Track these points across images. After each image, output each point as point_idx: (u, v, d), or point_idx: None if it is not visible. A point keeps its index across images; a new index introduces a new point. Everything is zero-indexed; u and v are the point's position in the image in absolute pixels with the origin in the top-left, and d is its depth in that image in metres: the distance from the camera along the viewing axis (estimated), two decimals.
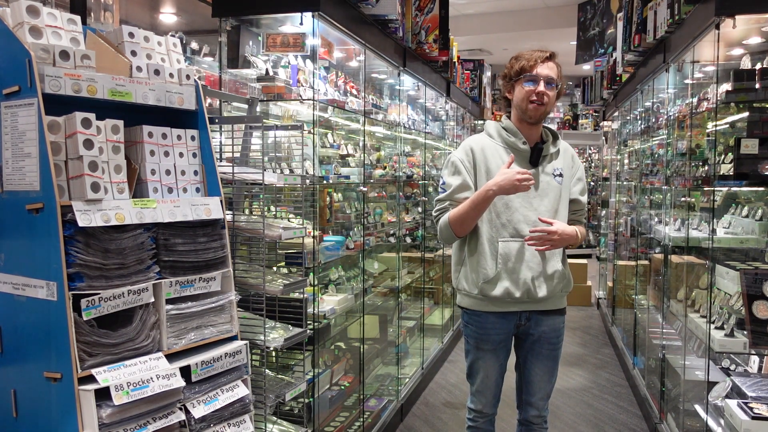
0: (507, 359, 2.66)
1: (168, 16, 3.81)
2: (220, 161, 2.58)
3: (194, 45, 3.44)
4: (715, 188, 3.22)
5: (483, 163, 2.50)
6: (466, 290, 2.56)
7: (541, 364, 2.62)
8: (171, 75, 2.06)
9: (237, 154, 2.66)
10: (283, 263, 2.88)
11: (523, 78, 2.46)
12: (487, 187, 2.38)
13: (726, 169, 3.11)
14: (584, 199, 2.64)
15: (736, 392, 2.79)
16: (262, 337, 2.42)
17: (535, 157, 2.51)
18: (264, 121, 2.82)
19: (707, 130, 3.48)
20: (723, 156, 3.21)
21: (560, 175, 2.55)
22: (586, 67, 10.11)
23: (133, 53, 2.01)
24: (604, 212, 8.66)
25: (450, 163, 2.56)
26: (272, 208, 3.01)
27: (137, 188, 1.97)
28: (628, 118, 6.28)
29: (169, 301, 1.92)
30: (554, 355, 2.63)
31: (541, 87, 2.44)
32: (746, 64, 3.43)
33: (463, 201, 2.47)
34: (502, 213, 2.48)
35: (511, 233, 2.47)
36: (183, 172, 2.07)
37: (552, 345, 2.61)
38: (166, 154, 2.04)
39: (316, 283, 3.04)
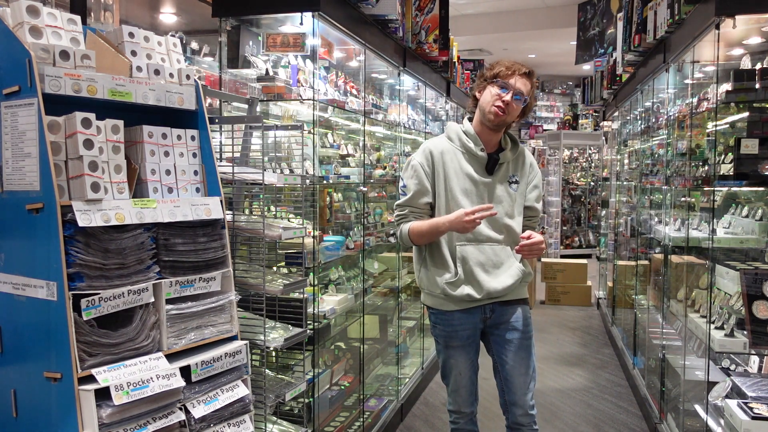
0: (477, 356, 2.69)
1: (168, 16, 3.81)
2: (220, 161, 2.58)
3: (194, 45, 3.44)
4: (715, 188, 3.22)
5: (441, 167, 2.57)
6: (429, 289, 2.63)
7: (515, 356, 2.61)
8: (171, 75, 2.06)
9: (237, 154, 2.66)
10: (283, 263, 2.88)
11: (496, 82, 2.52)
12: (440, 221, 2.48)
13: (726, 169, 3.11)
14: (539, 206, 2.71)
15: (736, 392, 2.79)
16: (262, 337, 2.42)
17: (491, 165, 2.57)
18: (264, 121, 2.82)
19: (707, 130, 3.48)
20: (723, 156, 3.21)
21: (516, 182, 2.62)
22: (586, 67, 10.13)
23: (133, 53, 2.01)
24: (604, 212, 8.65)
25: (410, 166, 2.60)
26: (272, 208, 3.01)
27: (137, 188, 1.97)
28: (628, 118, 6.28)
29: (169, 301, 1.92)
30: (526, 344, 2.63)
31: (508, 97, 2.49)
32: (746, 64, 3.43)
33: (421, 207, 2.57)
34: None
35: (467, 237, 2.53)
36: (183, 172, 2.07)
37: (522, 333, 2.63)
38: (166, 154, 2.04)
39: (316, 283, 3.04)
